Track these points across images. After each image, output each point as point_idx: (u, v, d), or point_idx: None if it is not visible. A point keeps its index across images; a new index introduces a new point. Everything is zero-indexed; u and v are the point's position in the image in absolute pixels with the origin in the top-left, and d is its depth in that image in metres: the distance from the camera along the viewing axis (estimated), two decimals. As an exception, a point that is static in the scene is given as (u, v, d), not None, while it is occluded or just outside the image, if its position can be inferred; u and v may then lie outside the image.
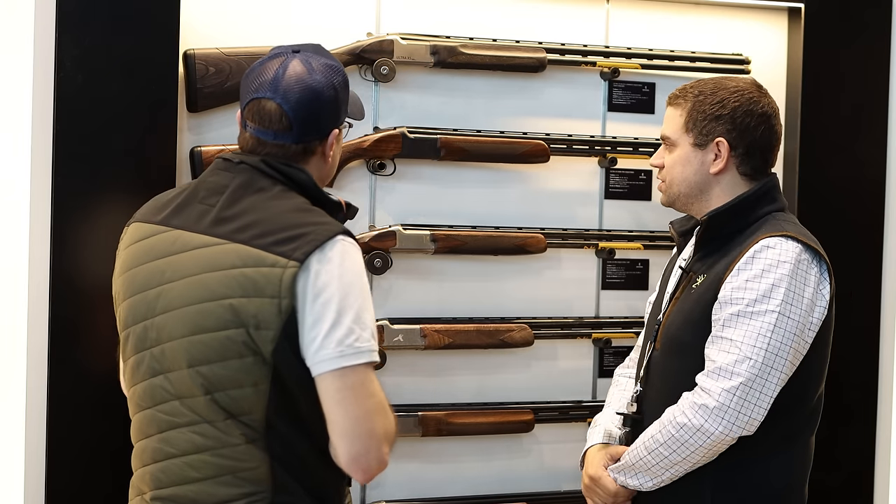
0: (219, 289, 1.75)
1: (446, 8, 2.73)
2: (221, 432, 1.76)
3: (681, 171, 2.21)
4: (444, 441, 2.73)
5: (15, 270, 2.41)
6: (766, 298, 2.05)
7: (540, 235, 2.73)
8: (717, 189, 2.20)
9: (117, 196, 2.39)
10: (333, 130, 1.90)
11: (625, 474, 2.17)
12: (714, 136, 2.17)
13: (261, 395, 1.74)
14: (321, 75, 1.87)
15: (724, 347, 2.06)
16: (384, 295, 2.70)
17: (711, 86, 2.21)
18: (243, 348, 1.73)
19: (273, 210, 1.79)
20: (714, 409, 2.03)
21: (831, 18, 2.91)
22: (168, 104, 2.42)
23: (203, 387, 1.76)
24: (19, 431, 2.40)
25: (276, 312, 1.71)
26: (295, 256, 1.72)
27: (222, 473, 1.76)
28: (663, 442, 2.08)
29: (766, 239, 2.10)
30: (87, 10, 2.36)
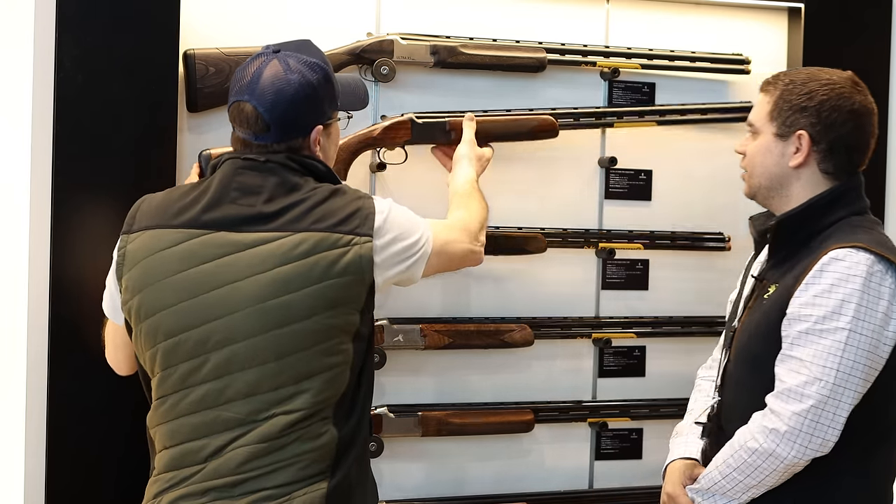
0: (298, 279, 1.82)
1: (446, 8, 2.73)
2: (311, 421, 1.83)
3: (761, 160, 2.14)
4: (444, 441, 2.73)
5: (15, 270, 2.41)
6: (837, 315, 1.96)
7: (540, 235, 2.73)
8: (797, 185, 2.11)
9: (117, 196, 2.38)
10: (317, 126, 1.94)
11: (702, 496, 2.12)
12: (796, 128, 2.09)
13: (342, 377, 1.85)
14: (297, 74, 1.91)
15: (794, 367, 1.98)
16: (384, 295, 2.69)
17: (804, 76, 2.13)
18: (331, 331, 1.83)
19: (315, 198, 1.88)
20: (785, 433, 1.96)
21: (831, 18, 2.91)
22: (168, 104, 2.42)
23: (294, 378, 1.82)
24: (19, 431, 2.40)
25: (363, 287, 1.86)
26: (364, 231, 1.86)
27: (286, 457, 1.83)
28: (736, 467, 2.03)
29: (835, 251, 2.00)
30: (87, 10, 2.36)
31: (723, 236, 2.91)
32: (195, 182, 2.00)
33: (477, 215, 2.25)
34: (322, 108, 1.96)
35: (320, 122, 1.96)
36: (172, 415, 1.87)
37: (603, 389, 2.88)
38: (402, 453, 2.70)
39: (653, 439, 2.91)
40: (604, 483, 2.89)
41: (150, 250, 1.89)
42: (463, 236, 2.14)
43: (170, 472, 1.87)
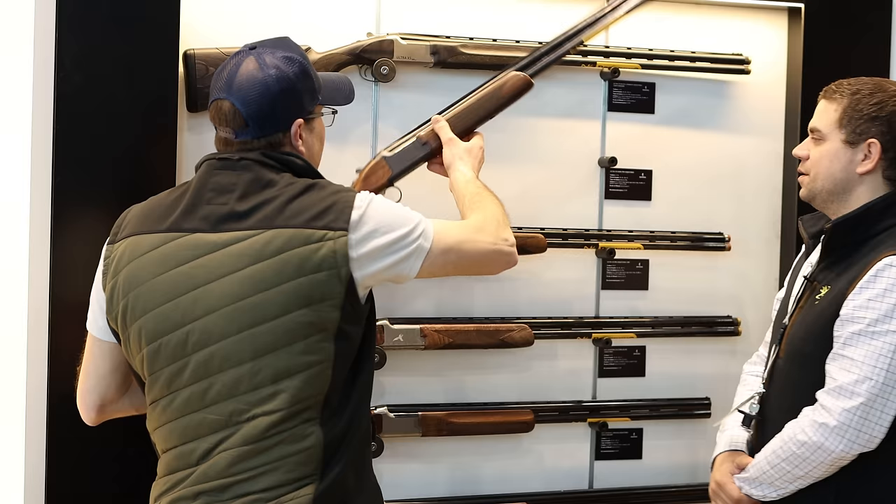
0: (272, 276, 1.79)
1: (446, 8, 2.73)
2: (283, 420, 1.80)
3: (828, 165, 2.22)
4: (444, 441, 2.73)
5: (15, 270, 2.41)
6: (889, 319, 2.08)
7: (540, 235, 2.73)
8: (859, 190, 2.22)
9: (117, 196, 2.38)
10: (297, 120, 1.94)
11: (749, 484, 2.23)
12: (867, 137, 2.19)
13: (323, 375, 1.81)
14: (274, 69, 1.92)
15: (845, 366, 2.09)
16: (384, 295, 2.69)
17: (871, 86, 2.22)
18: (308, 328, 1.79)
19: (289, 194, 1.85)
20: (834, 428, 2.07)
21: (831, 18, 2.90)
22: (168, 104, 2.42)
23: (271, 377, 1.80)
24: (19, 431, 2.39)
25: (338, 281, 1.80)
26: (339, 225, 1.81)
27: (272, 460, 1.80)
28: (785, 458, 2.14)
29: (889, 257, 2.11)
30: (87, 10, 2.36)
31: (723, 236, 2.91)
32: (177, 186, 2.01)
33: (492, 213, 2.12)
34: (301, 101, 1.95)
35: (300, 116, 1.95)
36: (164, 418, 1.87)
37: (603, 389, 2.88)
38: (402, 453, 2.70)
39: (653, 439, 2.91)
40: (604, 483, 2.89)
41: (132, 256, 1.89)
42: (481, 236, 2.03)
43: (167, 475, 1.87)
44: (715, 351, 2.94)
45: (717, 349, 2.95)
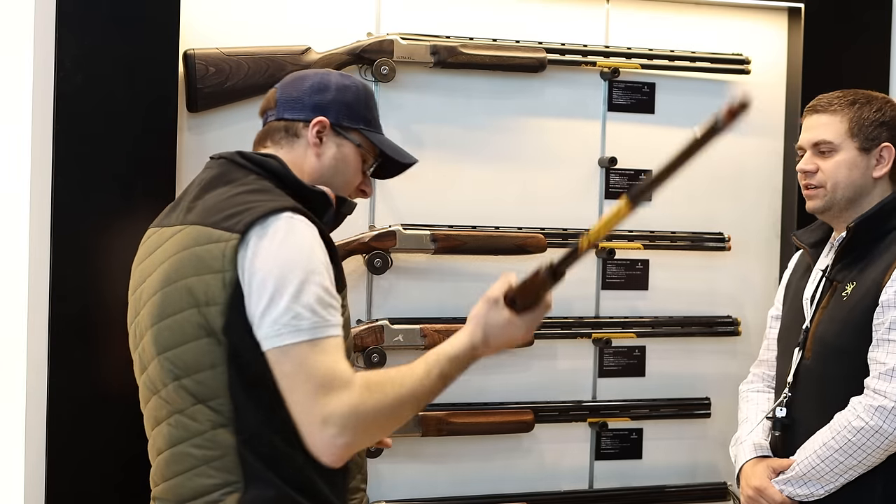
0: (174, 273, 1.73)
1: (446, 8, 2.73)
2: (191, 420, 1.72)
3: (847, 174, 2.27)
4: (444, 441, 2.73)
5: (15, 271, 2.41)
6: None
7: (540, 235, 2.73)
8: (874, 193, 2.29)
9: (117, 196, 2.39)
10: (321, 118, 1.88)
11: (793, 485, 2.22)
12: (880, 142, 2.26)
13: (220, 377, 1.69)
14: (325, 72, 1.94)
15: (893, 350, 2.13)
16: (384, 295, 2.70)
17: (863, 96, 2.30)
18: (198, 329, 1.70)
19: (232, 193, 1.77)
20: (892, 409, 2.10)
21: (831, 18, 2.91)
22: (168, 104, 2.42)
23: (172, 373, 1.73)
24: (19, 432, 2.40)
25: (221, 286, 1.67)
26: (236, 229, 1.67)
27: (197, 465, 1.72)
28: (838, 448, 2.15)
29: None
30: (87, 10, 2.36)
31: (723, 236, 2.91)
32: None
33: (376, 399, 1.62)
34: (328, 102, 1.90)
35: (326, 116, 1.89)
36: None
37: (603, 389, 2.88)
38: (402, 453, 2.70)
39: (653, 439, 2.91)
40: (604, 483, 2.89)
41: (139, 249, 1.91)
42: (321, 398, 1.60)
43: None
44: (715, 351, 2.95)
45: (717, 349, 2.95)
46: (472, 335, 1.69)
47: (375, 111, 1.97)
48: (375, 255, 2.61)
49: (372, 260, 2.61)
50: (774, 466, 2.28)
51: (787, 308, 2.43)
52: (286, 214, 1.68)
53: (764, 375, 2.48)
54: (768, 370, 2.47)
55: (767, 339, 2.50)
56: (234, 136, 2.53)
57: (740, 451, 2.38)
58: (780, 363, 2.41)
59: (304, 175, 1.88)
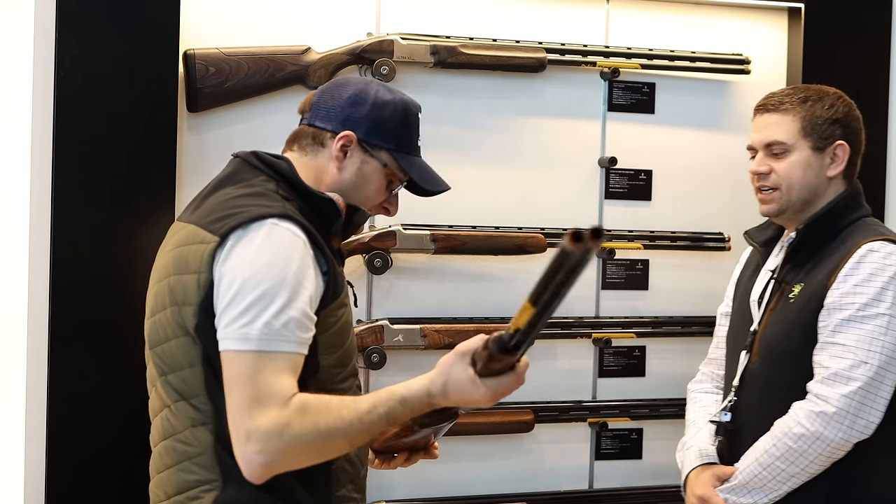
0: (164, 270, 1.76)
1: (446, 8, 2.73)
2: (174, 416, 1.74)
3: (801, 174, 2.23)
4: (444, 441, 2.72)
5: (15, 270, 2.41)
6: (877, 302, 2.08)
7: (540, 235, 2.73)
8: (828, 192, 2.24)
9: (117, 196, 2.39)
10: (348, 132, 1.85)
11: (737, 493, 2.16)
12: (834, 140, 2.22)
13: (198, 377, 1.70)
14: (369, 83, 1.91)
15: (838, 353, 2.08)
16: (384, 295, 2.70)
17: (814, 92, 2.26)
18: (177, 328, 1.71)
19: (233, 194, 1.76)
20: (833, 415, 2.05)
21: (831, 18, 2.91)
22: (168, 104, 2.42)
23: (160, 369, 1.75)
24: (19, 431, 2.40)
25: (196, 287, 1.68)
26: (218, 232, 1.68)
27: (181, 460, 1.74)
28: (779, 455, 2.09)
29: (869, 243, 2.13)
30: (87, 10, 2.36)
31: (723, 236, 2.91)
32: None
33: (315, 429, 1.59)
34: (361, 117, 1.86)
35: (354, 131, 1.86)
36: None
37: (603, 389, 2.88)
38: (402, 453, 2.70)
39: (653, 439, 2.91)
40: (604, 483, 2.89)
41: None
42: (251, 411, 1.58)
43: None
44: (715, 351, 2.95)
45: (717, 349, 2.95)
46: (432, 383, 1.65)
47: (413, 131, 1.92)
48: (375, 255, 2.61)
49: (372, 260, 2.61)
50: (719, 474, 2.21)
51: (736, 307, 2.38)
52: (270, 221, 1.68)
53: (713, 375, 2.44)
54: (717, 369, 2.44)
55: (717, 336, 2.46)
56: (235, 136, 2.53)
57: (686, 457, 2.32)
58: (727, 364, 2.35)
59: (322, 185, 1.86)
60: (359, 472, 1.87)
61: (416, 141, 1.93)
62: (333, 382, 1.80)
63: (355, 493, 1.85)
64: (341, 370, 1.82)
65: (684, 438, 2.38)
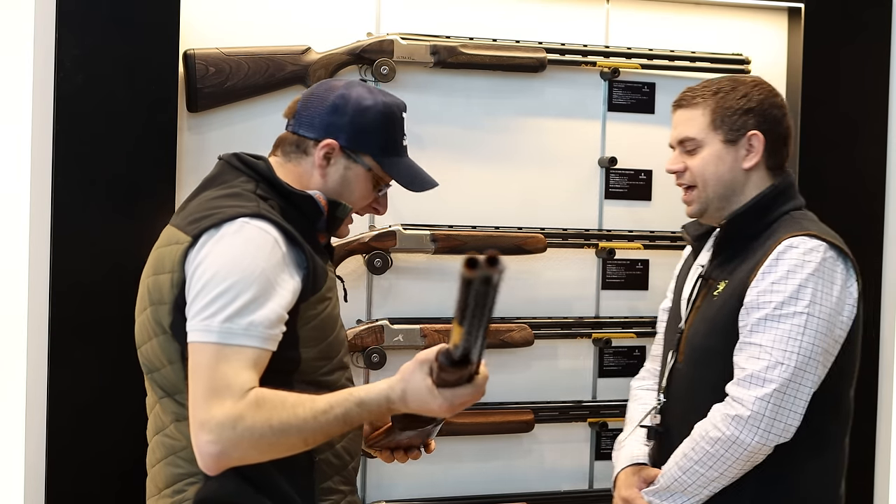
0: (145, 272, 1.82)
1: (446, 8, 2.73)
2: (162, 411, 1.79)
3: (714, 169, 2.15)
4: (444, 441, 2.73)
5: (15, 271, 2.41)
6: (794, 300, 1.99)
7: (540, 235, 2.73)
8: (749, 186, 2.15)
9: (117, 196, 2.39)
10: (329, 140, 1.87)
11: (660, 497, 2.11)
12: (746, 130, 2.13)
13: (178, 373, 1.74)
14: (349, 89, 1.90)
15: (754, 354, 2.00)
16: (384, 295, 2.70)
17: (728, 82, 2.18)
18: (156, 326, 1.76)
19: (213, 195, 1.80)
20: (748, 418, 1.97)
21: (831, 18, 2.90)
22: (168, 104, 2.42)
23: (145, 367, 1.81)
24: (19, 432, 2.39)
25: (170, 286, 1.73)
26: (192, 233, 1.72)
27: (169, 454, 1.79)
28: (697, 459, 2.03)
29: (788, 239, 2.05)
30: (87, 11, 2.36)
31: (723, 236, 2.91)
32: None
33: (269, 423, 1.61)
34: (342, 125, 1.87)
35: (335, 138, 1.87)
36: None
37: (603, 389, 2.88)
38: (402, 453, 2.70)
39: (653, 439, 2.91)
40: (604, 483, 2.88)
41: None
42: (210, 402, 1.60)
43: None
44: (715, 351, 2.94)
45: (717, 349, 2.94)
46: (392, 389, 1.66)
47: (397, 133, 1.92)
48: (375, 255, 2.61)
49: (372, 260, 2.61)
50: (645, 477, 2.17)
51: (672, 305, 2.31)
52: (241, 220, 1.71)
53: (655, 371, 2.36)
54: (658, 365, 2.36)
55: (659, 332, 2.39)
56: (234, 136, 2.53)
57: (618, 457, 2.28)
58: (662, 364, 2.28)
59: (305, 189, 1.88)
60: (347, 464, 1.88)
61: (400, 141, 1.93)
62: (318, 375, 1.82)
63: (343, 486, 1.87)
64: (325, 363, 1.84)
65: (621, 436, 2.33)
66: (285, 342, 1.72)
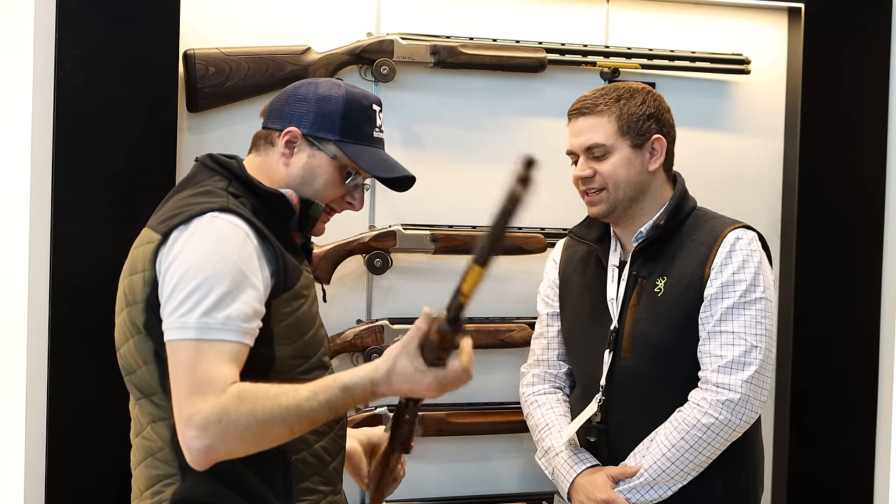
0: (122, 273, 1.82)
1: (446, 8, 2.73)
2: (140, 413, 1.80)
3: (625, 174, 2.25)
4: (444, 441, 2.73)
5: (15, 271, 2.41)
6: (754, 287, 2.16)
7: (540, 235, 2.73)
8: (653, 187, 2.27)
9: (117, 196, 2.39)
10: (291, 128, 1.87)
11: (640, 491, 2.18)
12: (650, 135, 2.25)
13: (153, 373, 1.74)
14: (320, 80, 1.92)
15: (729, 341, 2.14)
16: (384, 295, 2.70)
17: (624, 89, 2.28)
18: (132, 327, 1.76)
19: (186, 195, 1.80)
20: (739, 401, 2.12)
21: (831, 18, 2.90)
22: (168, 104, 2.42)
23: (124, 369, 1.81)
24: (19, 432, 2.40)
25: (142, 285, 1.73)
26: (162, 231, 1.72)
27: (147, 456, 1.79)
28: (689, 448, 2.13)
29: (732, 232, 2.21)
30: (87, 11, 2.36)
31: (723, 236, 2.91)
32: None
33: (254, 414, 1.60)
34: (304, 112, 1.88)
35: (298, 126, 1.87)
36: None
37: (603, 389, 2.88)
38: (403, 453, 2.69)
39: (653, 439, 2.91)
40: (604, 483, 2.88)
41: None
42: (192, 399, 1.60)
43: None
44: (715, 351, 2.94)
45: (717, 349, 2.94)
46: (376, 371, 1.64)
47: (362, 121, 1.90)
48: (375, 255, 2.61)
49: (372, 260, 2.61)
50: (613, 475, 2.20)
51: (577, 307, 2.36)
52: (210, 215, 1.71)
53: (547, 376, 2.43)
54: (550, 369, 2.43)
55: (546, 337, 2.43)
56: (234, 136, 2.53)
57: (562, 463, 2.29)
58: (580, 365, 2.34)
59: (273, 182, 1.88)
60: (327, 464, 1.88)
61: (368, 131, 1.92)
62: (295, 374, 1.81)
63: (322, 486, 1.86)
64: (303, 361, 1.84)
65: (545, 444, 2.35)
66: (260, 339, 1.72)
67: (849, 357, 2.89)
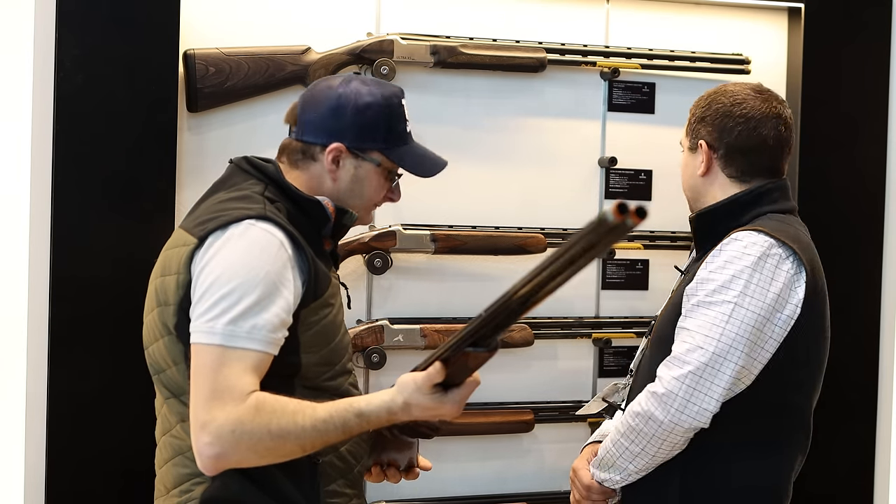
0: (153, 274, 1.82)
1: (446, 8, 2.73)
2: (168, 412, 1.80)
3: (684, 175, 2.24)
4: (444, 441, 2.73)
5: (15, 271, 2.41)
6: (725, 289, 2.02)
7: (540, 235, 2.73)
8: (710, 192, 2.19)
9: (117, 196, 2.39)
10: (336, 144, 1.86)
11: (597, 468, 2.17)
12: (699, 139, 2.19)
13: (183, 374, 1.74)
14: (346, 88, 1.88)
15: (683, 337, 2.05)
16: (384, 295, 2.70)
17: (715, 90, 2.21)
18: (162, 328, 1.77)
19: (221, 198, 1.81)
20: (662, 395, 2.01)
21: (831, 18, 2.91)
22: (168, 104, 2.42)
23: (152, 368, 1.82)
24: (19, 432, 2.40)
25: (175, 287, 1.73)
26: (198, 235, 1.73)
27: (175, 454, 1.79)
28: (623, 433, 2.08)
29: (735, 233, 2.08)
30: (87, 11, 2.36)
31: (723, 236, 2.91)
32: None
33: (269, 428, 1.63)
34: (346, 126, 1.86)
35: (341, 141, 1.86)
36: None
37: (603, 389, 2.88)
38: (402, 453, 2.70)
39: (653, 439, 2.91)
40: (604, 483, 2.89)
41: None
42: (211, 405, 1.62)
43: None
44: (715, 351, 2.94)
45: (717, 349, 2.94)
46: (393, 401, 1.70)
47: (399, 122, 1.91)
48: (375, 255, 2.61)
49: (372, 260, 2.61)
50: (596, 451, 2.22)
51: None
52: (247, 222, 1.72)
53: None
54: None
55: None
56: (234, 136, 2.53)
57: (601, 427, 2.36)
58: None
59: (320, 195, 1.88)
60: (352, 468, 1.89)
61: (404, 129, 1.93)
62: (320, 381, 1.82)
63: (347, 489, 1.88)
64: (328, 369, 1.84)
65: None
66: (286, 347, 1.72)
67: (849, 357, 2.89)
